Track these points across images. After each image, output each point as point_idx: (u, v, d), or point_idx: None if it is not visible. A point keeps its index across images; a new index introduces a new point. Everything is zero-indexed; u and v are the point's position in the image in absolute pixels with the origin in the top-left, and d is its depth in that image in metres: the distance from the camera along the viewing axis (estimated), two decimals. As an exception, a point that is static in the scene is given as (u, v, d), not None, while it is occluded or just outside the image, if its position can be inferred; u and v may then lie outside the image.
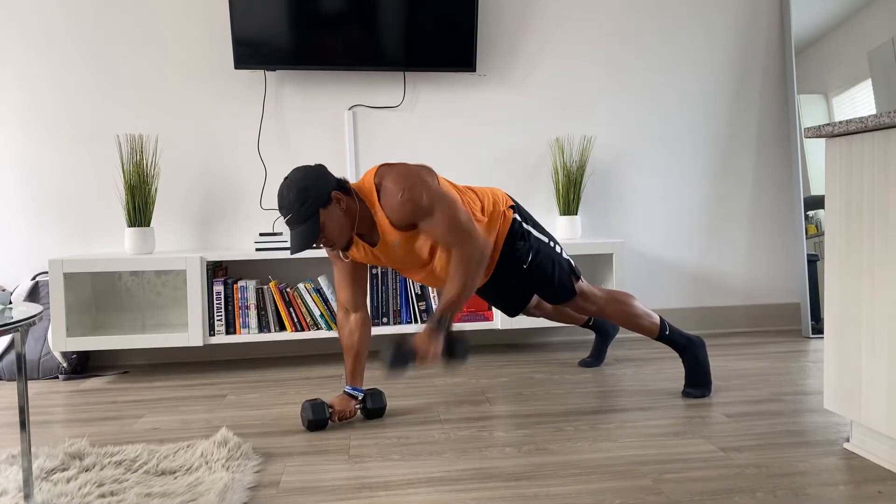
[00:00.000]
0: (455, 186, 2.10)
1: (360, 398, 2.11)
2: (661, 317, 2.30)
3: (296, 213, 1.85)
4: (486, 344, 3.21)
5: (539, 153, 3.26)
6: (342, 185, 1.93)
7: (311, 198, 1.85)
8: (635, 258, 3.34)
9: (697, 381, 2.28)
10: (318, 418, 2.00)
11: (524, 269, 2.15)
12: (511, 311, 2.42)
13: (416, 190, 1.89)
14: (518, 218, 2.17)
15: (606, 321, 2.58)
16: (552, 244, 2.22)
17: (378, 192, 1.93)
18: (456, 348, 1.97)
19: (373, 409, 2.11)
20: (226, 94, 3.05)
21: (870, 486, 1.55)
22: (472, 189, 2.16)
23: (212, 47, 3.02)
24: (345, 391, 2.11)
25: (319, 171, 1.90)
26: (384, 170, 1.95)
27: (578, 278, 2.23)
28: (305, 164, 1.93)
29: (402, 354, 1.86)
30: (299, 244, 1.84)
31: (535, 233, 2.19)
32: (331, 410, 2.04)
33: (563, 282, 2.20)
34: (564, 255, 2.23)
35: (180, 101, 3.02)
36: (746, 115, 3.38)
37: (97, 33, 2.96)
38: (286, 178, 1.89)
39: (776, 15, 3.37)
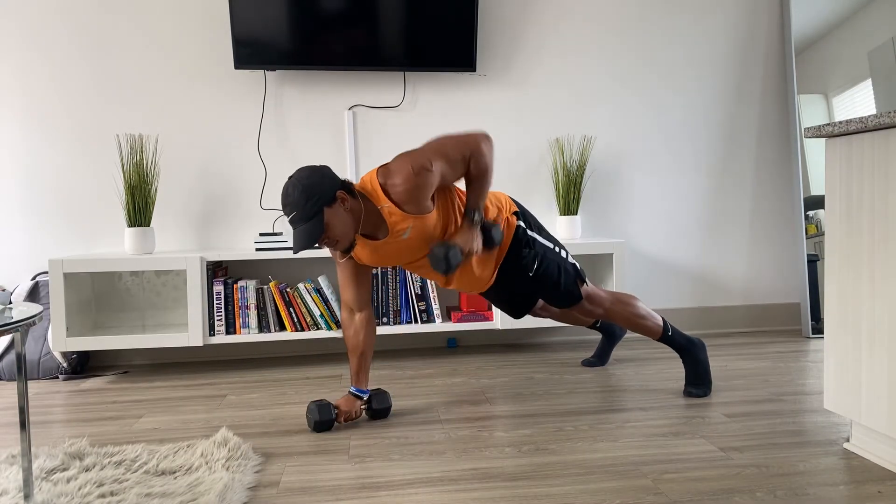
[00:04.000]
0: (458, 190, 2.10)
1: (365, 399, 2.11)
2: (663, 318, 2.30)
3: (300, 210, 1.84)
4: (486, 344, 3.21)
5: (539, 153, 3.26)
6: (346, 185, 1.94)
7: (315, 196, 1.84)
8: (635, 258, 3.35)
9: (698, 381, 2.29)
10: (324, 419, 2.00)
11: (530, 276, 2.15)
12: (516, 314, 2.42)
13: (417, 160, 1.90)
14: (522, 225, 2.16)
15: (614, 323, 2.58)
16: (557, 249, 2.21)
17: (384, 187, 1.93)
18: (493, 235, 2.04)
19: (378, 409, 2.11)
20: (226, 94, 3.05)
21: (870, 486, 1.55)
22: None
23: (212, 47, 3.02)
24: (350, 392, 2.11)
25: (324, 170, 1.90)
26: (385, 168, 1.95)
27: (584, 282, 2.23)
28: (310, 164, 1.96)
29: (451, 255, 1.92)
30: (303, 242, 1.83)
31: (540, 239, 2.18)
32: (336, 411, 2.04)
33: (570, 287, 2.20)
34: (570, 260, 2.23)
35: (180, 101, 3.02)
36: (746, 115, 3.38)
37: (97, 33, 2.96)
38: (291, 177, 1.89)
39: (776, 15, 3.37)
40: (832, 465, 1.67)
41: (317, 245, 2.81)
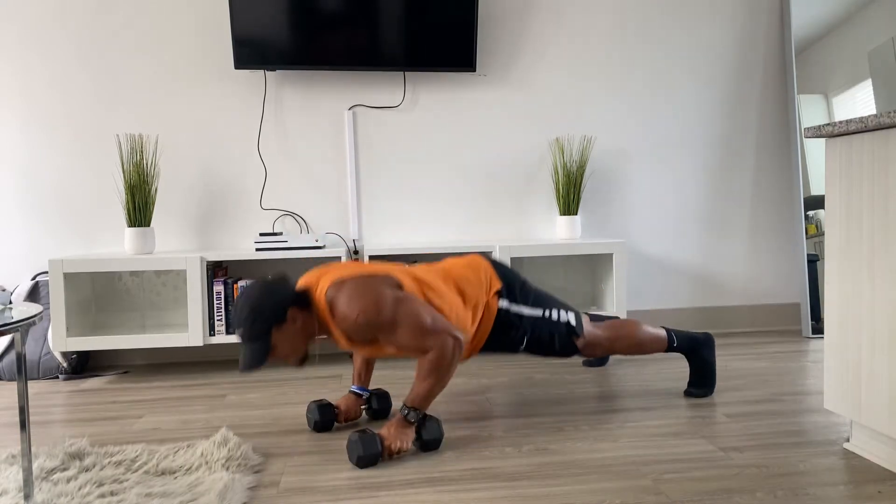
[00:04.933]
0: (426, 280, 1.96)
1: (365, 398, 2.11)
2: (666, 330, 2.25)
3: (246, 331, 1.78)
4: (486, 344, 3.22)
5: (539, 153, 3.26)
6: (300, 298, 1.84)
7: (263, 316, 1.77)
8: (635, 258, 3.34)
9: (701, 382, 2.29)
10: (324, 419, 2.00)
11: (521, 350, 2.09)
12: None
13: (370, 310, 1.77)
14: (504, 305, 2.04)
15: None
16: (547, 314, 2.09)
17: (332, 308, 1.82)
18: (430, 433, 1.83)
19: (378, 409, 2.11)
20: (226, 94, 3.05)
21: (870, 486, 1.55)
22: (450, 276, 2.02)
23: (212, 47, 3.02)
24: (350, 391, 2.11)
25: (276, 286, 1.81)
26: (335, 287, 1.83)
27: (580, 336, 2.12)
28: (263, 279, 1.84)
29: (372, 449, 1.73)
30: (248, 363, 1.77)
31: (526, 312, 2.06)
32: (337, 411, 2.04)
33: (564, 346, 2.11)
34: (563, 318, 2.10)
35: (180, 101, 3.02)
36: (746, 115, 3.38)
37: (97, 33, 2.96)
38: (243, 291, 1.82)
39: (776, 15, 3.37)
40: (832, 465, 1.67)
41: (318, 249, 2.81)
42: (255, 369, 1.78)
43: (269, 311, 1.78)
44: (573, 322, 2.12)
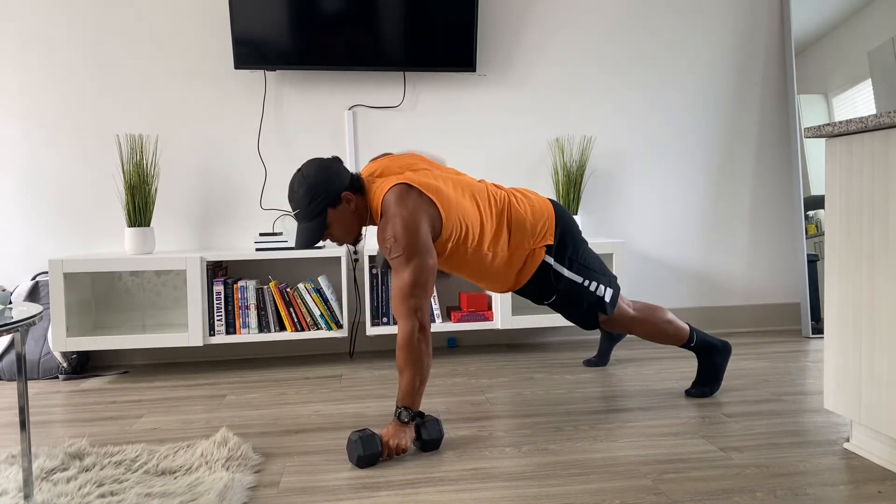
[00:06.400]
0: (492, 195, 1.99)
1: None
2: (691, 328, 2.25)
3: (303, 209, 1.84)
4: (486, 344, 3.21)
5: (539, 153, 3.26)
6: (354, 182, 1.90)
7: (320, 196, 1.83)
8: (635, 258, 3.34)
9: (704, 383, 2.28)
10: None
11: (547, 302, 2.13)
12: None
13: (399, 242, 1.79)
14: (548, 260, 2.05)
15: None
16: (587, 283, 2.09)
17: (383, 207, 1.87)
18: (430, 434, 1.82)
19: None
20: (226, 94, 3.05)
21: (870, 486, 1.55)
22: (524, 198, 2.05)
23: (212, 47, 3.02)
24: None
25: (332, 167, 1.87)
26: (392, 197, 1.85)
27: (607, 314, 2.14)
28: (320, 157, 1.88)
29: (371, 451, 1.72)
30: (304, 241, 1.84)
31: (566, 274, 2.07)
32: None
33: (587, 316, 2.14)
34: (599, 292, 2.11)
35: (180, 101, 3.02)
36: (746, 115, 3.38)
37: (97, 33, 2.96)
38: (299, 170, 1.87)
39: (776, 15, 3.37)
40: (832, 465, 1.67)
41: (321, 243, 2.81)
42: (311, 247, 1.82)
43: (325, 192, 1.83)
44: (608, 299, 2.13)
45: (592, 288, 2.11)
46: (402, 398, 1.81)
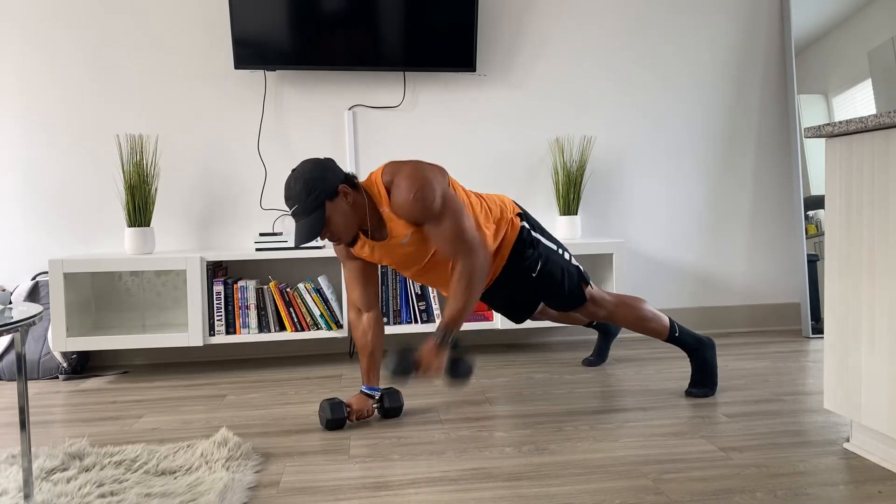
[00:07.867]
0: (463, 190, 2.09)
1: (377, 397, 2.11)
2: (670, 318, 2.29)
3: (301, 204, 1.84)
4: (486, 344, 3.21)
5: (539, 153, 3.26)
6: (350, 179, 1.92)
7: (317, 189, 1.84)
8: (635, 258, 3.34)
9: (703, 382, 2.28)
10: (336, 417, 2.00)
11: (533, 277, 2.13)
12: (518, 319, 2.34)
13: (427, 190, 1.86)
14: (527, 226, 2.15)
15: None
16: (561, 251, 2.20)
17: (388, 188, 1.91)
18: (459, 367, 1.94)
19: (390, 408, 2.11)
20: (226, 94, 3.05)
21: (870, 486, 1.55)
22: (479, 195, 2.14)
23: (212, 47, 3.02)
24: (362, 390, 2.11)
25: (327, 164, 1.89)
26: (393, 167, 1.93)
27: (588, 284, 2.21)
28: (313, 157, 1.95)
29: (405, 363, 1.85)
30: (304, 236, 1.83)
31: (543, 241, 2.17)
32: (348, 409, 2.04)
33: (573, 290, 2.17)
34: (573, 262, 2.21)
35: (180, 101, 3.02)
36: (746, 115, 3.38)
37: (97, 33, 2.96)
38: (294, 170, 1.89)
39: (776, 15, 3.37)
40: (832, 465, 1.67)
41: (319, 241, 2.81)
42: (310, 241, 1.84)
43: (322, 184, 1.85)
44: (583, 270, 2.22)
45: (567, 257, 2.20)
46: (451, 320, 1.89)
